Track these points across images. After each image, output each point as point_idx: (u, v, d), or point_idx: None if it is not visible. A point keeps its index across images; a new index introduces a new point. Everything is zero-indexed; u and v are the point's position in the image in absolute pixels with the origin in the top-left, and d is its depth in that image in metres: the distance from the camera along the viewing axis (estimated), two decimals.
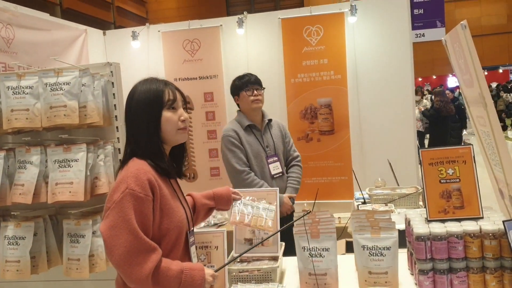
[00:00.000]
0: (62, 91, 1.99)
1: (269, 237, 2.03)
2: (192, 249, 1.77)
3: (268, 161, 3.16)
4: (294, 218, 2.25)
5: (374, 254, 1.89)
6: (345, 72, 4.55)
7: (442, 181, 1.93)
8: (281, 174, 3.20)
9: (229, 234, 2.21)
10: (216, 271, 1.70)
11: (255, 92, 3.16)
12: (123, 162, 1.72)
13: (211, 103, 4.82)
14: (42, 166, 2.03)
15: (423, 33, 6.26)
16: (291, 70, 4.66)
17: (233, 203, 2.07)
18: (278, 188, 2.25)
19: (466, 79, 2.07)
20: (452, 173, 1.93)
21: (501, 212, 2.02)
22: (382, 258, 1.88)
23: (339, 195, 4.58)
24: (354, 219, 2.16)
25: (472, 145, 1.95)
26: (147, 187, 1.58)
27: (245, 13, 4.75)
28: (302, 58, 4.62)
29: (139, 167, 1.63)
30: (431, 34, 6.35)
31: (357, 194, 3.66)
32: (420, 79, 24.31)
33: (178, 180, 1.86)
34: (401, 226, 2.15)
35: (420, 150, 1.95)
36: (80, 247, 2.06)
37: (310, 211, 1.89)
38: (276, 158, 3.21)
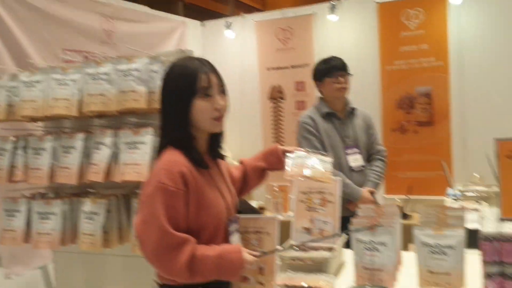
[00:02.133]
0: (132, 77, 2.11)
1: (328, 237, 1.97)
2: (233, 237, 1.75)
3: (347, 152, 2.96)
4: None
5: (436, 253, 1.73)
6: (447, 59, 4.20)
7: None
8: (361, 167, 2.98)
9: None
10: (257, 256, 1.68)
11: (341, 79, 2.97)
12: (158, 152, 1.67)
13: (302, 92, 4.78)
14: (114, 147, 2.18)
15: None
16: (387, 57, 4.42)
17: (287, 157, 1.95)
18: (340, 179, 2.15)
19: None
20: None
21: None
22: (444, 258, 1.71)
23: (435, 191, 4.26)
24: (422, 214, 2.01)
25: None
26: (179, 180, 1.53)
27: None
28: (399, 43, 4.37)
29: (172, 159, 1.57)
30: None
31: (451, 191, 3.39)
32: None
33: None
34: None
35: (496, 140, 1.73)
36: None
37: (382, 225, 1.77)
38: (357, 150, 3.00)
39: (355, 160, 2.99)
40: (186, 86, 1.58)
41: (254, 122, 5.02)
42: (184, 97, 1.58)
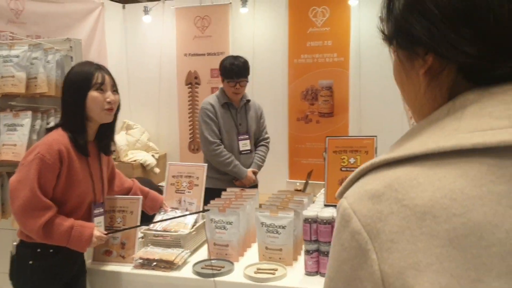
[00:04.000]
0: (11, 63, 2.24)
1: (130, 228, 2.20)
2: (97, 219, 1.99)
3: (239, 138, 3.35)
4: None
5: (271, 231, 2.01)
6: (348, 55, 4.54)
7: (343, 169, 2.00)
8: (249, 151, 3.40)
9: None
10: (107, 234, 1.93)
11: (238, 85, 3.25)
12: (49, 129, 1.96)
13: (217, 79, 4.95)
14: None
15: None
16: (295, 51, 4.70)
17: (160, 211, 2.31)
18: (206, 165, 2.40)
19: None
20: (354, 162, 1.99)
21: None
22: (277, 236, 2.00)
23: None
24: (273, 197, 2.29)
25: (376, 136, 1.99)
26: (56, 156, 1.81)
27: None
28: (306, 39, 4.65)
29: (56, 138, 1.86)
30: None
31: None
32: None
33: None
34: None
35: (327, 138, 2.02)
36: None
37: (209, 209, 2.06)
38: (247, 136, 3.39)
39: (244, 145, 3.39)
40: (84, 80, 1.90)
41: (171, 105, 5.18)
42: (81, 89, 1.89)
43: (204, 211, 2.02)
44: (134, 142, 5.04)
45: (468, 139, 0.52)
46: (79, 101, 1.89)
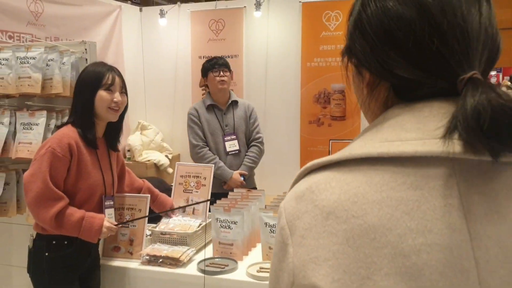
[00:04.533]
0: (28, 64, 2.33)
1: (138, 218, 2.31)
2: (108, 211, 2.06)
3: (225, 138, 3.36)
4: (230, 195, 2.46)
5: (274, 231, 2.05)
6: None
7: None
8: (237, 151, 3.37)
9: None
10: (116, 225, 2.01)
11: (221, 73, 3.35)
12: (59, 126, 2.08)
13: (231, 81, 5.03)
14: (12, 127, 2.40)
15: None
16: (308, 54, 4.73)
17: (167, 214, 2.37)
18: (213, 165, 2.46)
19: None
20: None
21: None
22: None
23: None
24: (278, 198, 2.33)
25: None
26: (66, 149, 1.90)
27: None
28: (319, 42, 4.68)
29: (66, 133, 1.96)
30: None
31: None
32: None
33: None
34: None
35: (330, 141, 2.05)
36: None
37: (211, 199, 2.14)
38: (234, 136, 3.38)
39: (231, 145, 3.39)
40: (95, 79, 2.00)
41: (185, 106, 5.20)
42: (91, 87, 2.00)
43: (210, 200, 2.10)
44: (148, 142, 5.13)
45: (377, 148, 0.57)
46: (88, 98, 2.00)
